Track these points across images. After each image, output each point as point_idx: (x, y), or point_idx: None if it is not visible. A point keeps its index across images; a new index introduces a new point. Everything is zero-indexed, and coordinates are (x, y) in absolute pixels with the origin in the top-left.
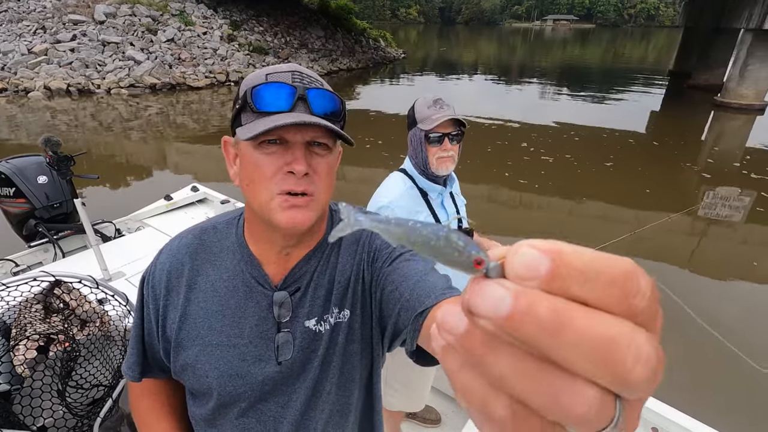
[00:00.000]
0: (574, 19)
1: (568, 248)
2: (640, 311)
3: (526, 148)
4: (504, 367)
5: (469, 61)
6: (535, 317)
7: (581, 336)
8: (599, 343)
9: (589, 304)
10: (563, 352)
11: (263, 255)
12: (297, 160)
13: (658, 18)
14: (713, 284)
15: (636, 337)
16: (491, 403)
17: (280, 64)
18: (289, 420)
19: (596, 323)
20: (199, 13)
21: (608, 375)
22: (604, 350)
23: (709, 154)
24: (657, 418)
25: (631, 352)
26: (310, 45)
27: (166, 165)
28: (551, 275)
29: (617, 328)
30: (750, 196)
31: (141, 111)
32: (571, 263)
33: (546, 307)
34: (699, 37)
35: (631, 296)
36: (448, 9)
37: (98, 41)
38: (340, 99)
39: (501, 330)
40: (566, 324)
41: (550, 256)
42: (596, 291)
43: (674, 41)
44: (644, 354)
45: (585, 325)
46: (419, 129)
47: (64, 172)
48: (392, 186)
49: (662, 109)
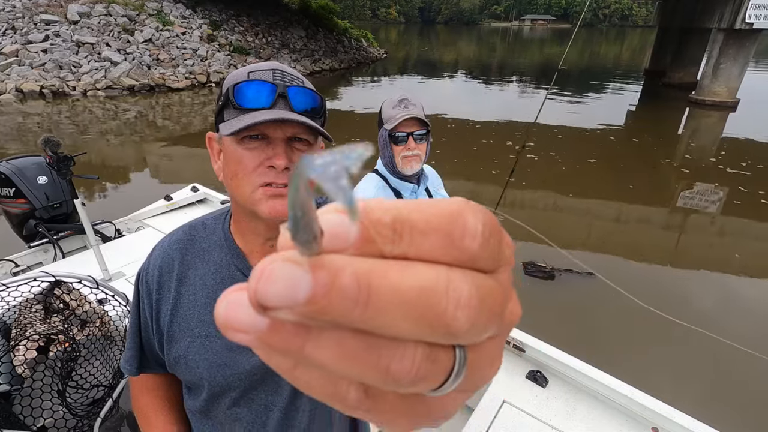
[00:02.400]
0: (551, 19)
1: (376, 204)
2: (476, 254)
3: (511, 146)
4: (327, 356)
5: (450, 60)
6: (340, 291)
7: (392, 297)
8: (413, 298)
9: (410, 259)
10: (378, 320)
11: (249, 248)
12: (278, 155)
13: (632, 18)
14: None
15: (453, 279)
16: (339, 392)
17: (262, 63)
18: (279, 407)
19: (406, 278)
20: (178, 12)
21: (430, 330)
22: (421, 305)
23: (686, 150)
24: (657, 417)
25: (451, 297)
26: (291, 45)
27: (145, 167)
28: (362, 240)
29: (429, 276)
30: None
31: (119, 113)
32: (380, 220)
33: (350, 275)
34: (673, 36)
35: (458, 240)
36: (428, 9)
37: (72, 42)
38: (320, 96)
39: (306, 318)
40: (374, 289)
41: (359, 219)
42: (414, 244)
43: (647, 41)
44: (464, 296)
45: (394, 284)
46: (385, 129)
47: (64, 173)
48: (365, 186)
49: (639, 106)
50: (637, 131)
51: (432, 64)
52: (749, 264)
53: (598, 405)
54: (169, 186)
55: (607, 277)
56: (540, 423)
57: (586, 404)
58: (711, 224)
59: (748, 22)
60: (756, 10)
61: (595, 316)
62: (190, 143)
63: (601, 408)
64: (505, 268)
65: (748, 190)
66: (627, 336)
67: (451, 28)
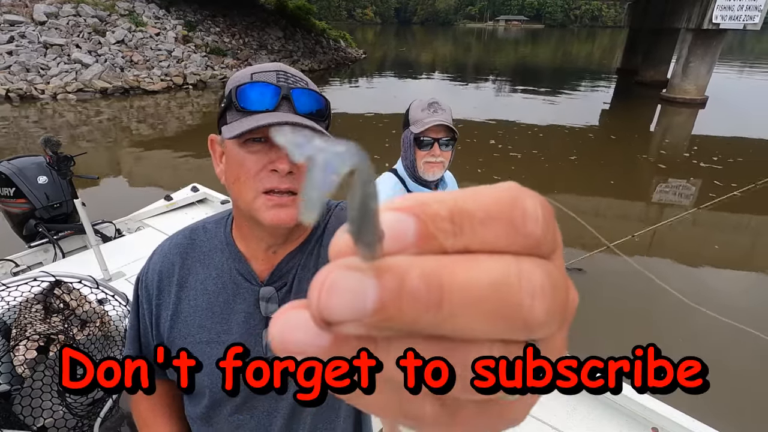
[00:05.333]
0: (524, 20)
1: (431, 197)
2: (539, 239)
3: (494, 145)
4: (397, 371)
5: (427, 60)
6: (410, 295)
7: (465, 295)
8: (486, 294)
9: (473, 252)
10: (452, 323)
11: (250, 252)
12: (281, 158)
13: (602, 19)
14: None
15: (523, 269)
16: (414, 409)
17: (266, 63)
18: (282, 414)
19: (476, 273)
20: (150, 13)
21: (507, 325)
22: (496, 300)
23: (661, 146)
24: (657, 418)
25: (525, 288)
26: (269, 46)
27: (120, 172)
28: (422, 237)
29: (499, 268)
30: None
31: (91, 117)
32: (438, 214)
33: (418, 276)
34: (644, 36)
35: (521, 226)
36: (404, 9)
37: (39, 43)
38: (324, 98)
39: (374, 329)
40: (446, 288)
41: (413, 213)
42: (476, 236)
43: (617, 41)
44: (538, 285)
45: (465, 281)
46: (410, 131)
47: (64, 173)
48: (380, 185)
49: (613, 104)
50: (614, 129)
51: (409, 64)
52: (724, 255)
53: (598, 405)
54: (139, 189)
55: (595, 273)
56: (540, 423)
57: (586, 404)
58: (689, 217)
59: (715, 22)
60: (722, 11)
61: (587, 312)
62: (167, 146)
63: (601, 408)
64: (560, 251)
65: (723, 184)
66: (618, 333)
67: (427, 29)
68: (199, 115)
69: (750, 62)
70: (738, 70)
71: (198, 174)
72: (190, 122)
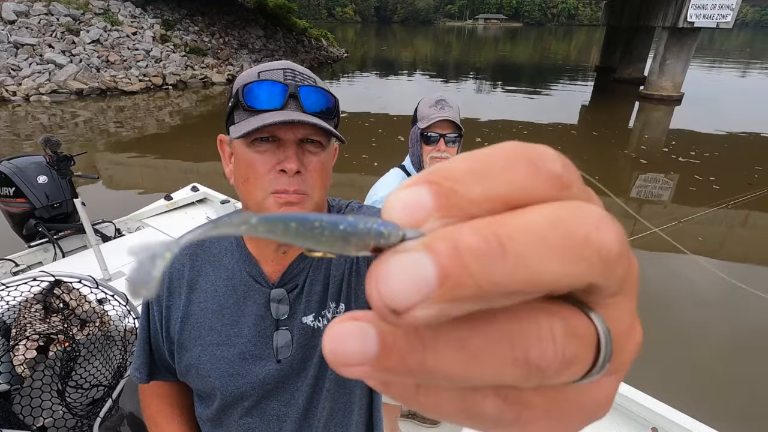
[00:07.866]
0: (503, 18)
1: (443, 165)
2: (565, 177)
3: (480, 143)
4: (452, 362)
5: (408, 59)
6: (470, 251)
7: (527, 236)
8: (549, 232)
9: (502, 198)
10: (526, 267)
11: (261, 254)
12: (289, 158)
13: (578, 17)
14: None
15: (571, 206)
16: (475, 406)
17: (273, 62)
18: (293, 418)
19: (528, 216)
20: (126, 12)
21: (582, 259)
22: (561, 236)
23: (641, 141)
24: (657, 418)
25: (585, 220)
26: (250, 45)
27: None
28: (443, 200)
29: (547, 210)
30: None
31: (67, 119)
32: (451, 169)
33: (470, 233)
34: (621, 34)
35: (540, 163)
36: (384, 8)
37: (9, 43)
38: (333, 96)
39: (450, 302)
40: (504, 235)
41: (423, 182)
42: (500, 178)
43: (593, 39)
44: (596, 216)
45: (521, 224)
46: (417, 127)
47: (64, 172)
48: (388, 181)
49: (592, 101)
50: (596, 125)
51: (392, 63)
52: (705, 247)
53: None
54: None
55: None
56: None
57: None
58: (664, 209)
59: (690, 21)
60: (696, 10)
61: None
62: (145, 149)
63: None
64: (597, 200)
65: (702, 178)
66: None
67: (408, 27)
68: (179, 116)
69: (720, 59)
70: (708, 67)
71: (189, 176)
72: (170, 122)
